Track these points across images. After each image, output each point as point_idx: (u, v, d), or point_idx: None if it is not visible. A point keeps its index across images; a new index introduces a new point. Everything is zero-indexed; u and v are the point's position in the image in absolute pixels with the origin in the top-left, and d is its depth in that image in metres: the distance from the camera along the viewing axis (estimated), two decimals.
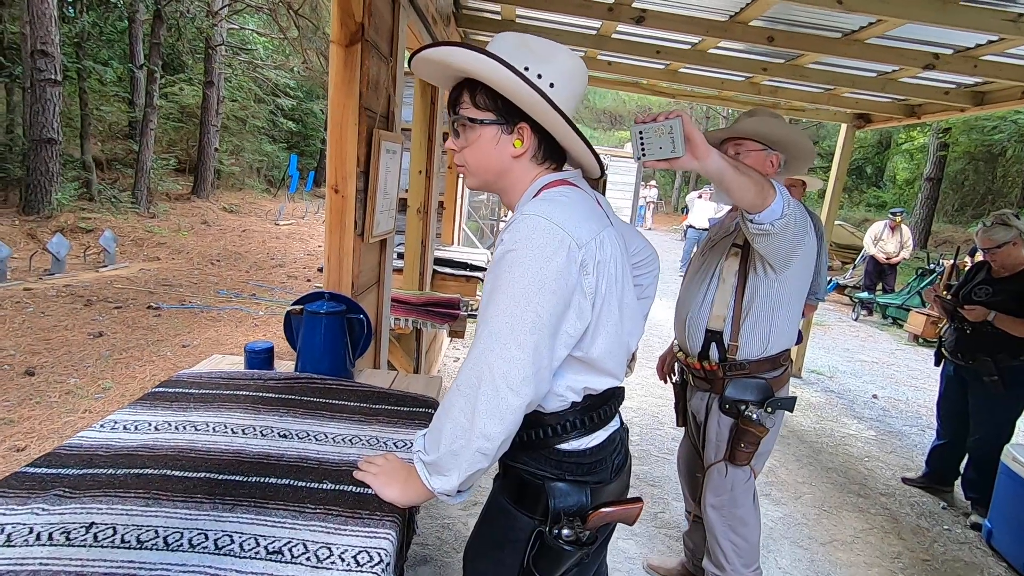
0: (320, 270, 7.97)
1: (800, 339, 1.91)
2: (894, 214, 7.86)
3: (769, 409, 1.70)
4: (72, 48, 9.56)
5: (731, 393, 1.72)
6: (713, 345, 1.74)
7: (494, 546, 1.07)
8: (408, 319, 2.86)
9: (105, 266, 6.65)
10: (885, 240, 7.89)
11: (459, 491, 0.95)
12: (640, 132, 1.04)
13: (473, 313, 3.06)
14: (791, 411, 1.78)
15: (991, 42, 2.70)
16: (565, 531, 0.97)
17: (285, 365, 1.62)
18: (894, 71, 3.41)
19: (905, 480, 3.35)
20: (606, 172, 1.21)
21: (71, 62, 9.33)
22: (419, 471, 0.96)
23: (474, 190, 1.10)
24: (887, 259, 7.88)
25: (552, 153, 1.01)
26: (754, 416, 1.68)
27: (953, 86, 3.65)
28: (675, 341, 1.97)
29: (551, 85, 0.94)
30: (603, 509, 1.00)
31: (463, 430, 0.89)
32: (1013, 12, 2.32)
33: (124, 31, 11.40)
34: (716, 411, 1.78)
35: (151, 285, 6.18)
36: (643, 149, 1.05)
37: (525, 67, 0.92)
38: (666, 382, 2.15)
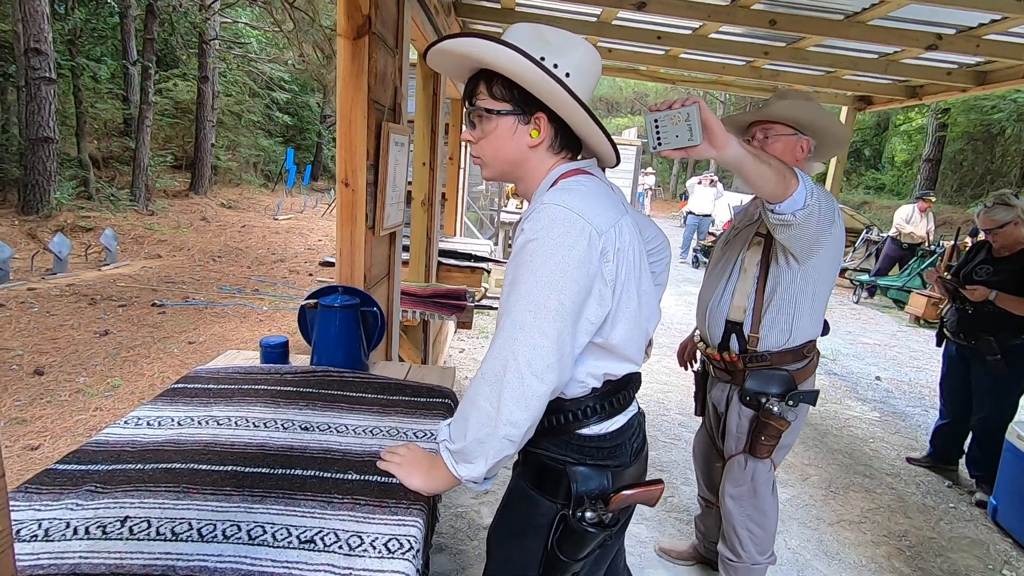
0: (322, 264, 7.97)
1: (827, 330, 1.85)
2: (926, 196, 7.64)
3: (791, 402, 1.65)
4: (65, 46, 9.47)
5: (752, 385, 1.68)
6: (733, 336, 1.70)
7: (517, 532, 1.09)
8: (415, 311, 2.87)
9: (107, 264, 6.65)
10: (916, 223, 7.64)
11: (485, 478, 0.96)
12: (655, 120, 1.02)
13: (479, 304, 3.07)
14: (813, 404, 1.70)
15: (994, 21, 2.69)
16: (588, 514, 0.99)
17: (299, 359, 1.63)
18: (896, 52, 3.39)
19: (910, 460, 3.38)
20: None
21: (65, 60, 9.26)
22: (445, 460, 0.97)
23: (490, 180, 1.10)
24: (911, 243, 7.63)
25: (568, 143, 1.01)
26: (775, 409, 1.63)
27: (955, 66, 3.64)
28: (696, 330, 1.95)
29: (567, 75, 0.94)
30: (625, 492, 1.02)
31: (489, 418, 0.90)
32: None
33: (116, 27, 11.29)
34: (736, 403, 1.75)
35: (154, 283, 6.18)
36: (659, 138, 1.03)
37: (541, 57, 0.92)
38: (687, 369, 2.14)
